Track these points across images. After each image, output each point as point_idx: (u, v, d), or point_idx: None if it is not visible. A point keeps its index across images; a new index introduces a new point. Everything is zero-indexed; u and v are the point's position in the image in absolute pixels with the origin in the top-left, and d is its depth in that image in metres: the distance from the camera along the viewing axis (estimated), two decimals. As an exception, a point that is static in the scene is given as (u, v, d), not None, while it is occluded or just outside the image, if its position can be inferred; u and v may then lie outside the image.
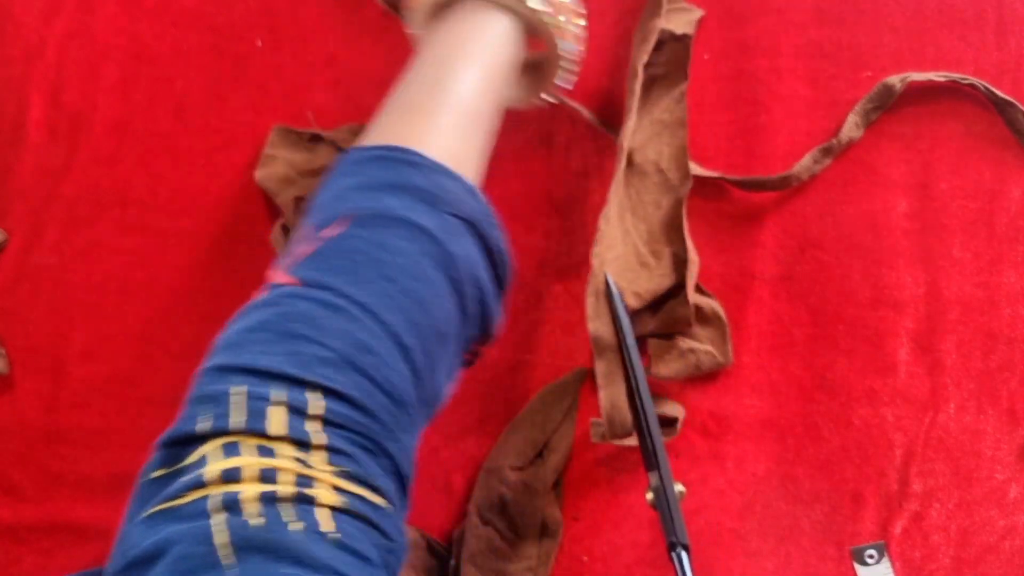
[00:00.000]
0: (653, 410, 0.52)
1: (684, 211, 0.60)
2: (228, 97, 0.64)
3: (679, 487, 0.52)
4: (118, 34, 0.65)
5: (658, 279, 0.57)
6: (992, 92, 0.61)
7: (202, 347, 0.62)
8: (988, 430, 0.60)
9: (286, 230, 0.61)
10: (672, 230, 0.59)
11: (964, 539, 0.59)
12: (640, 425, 0.53)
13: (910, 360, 0.60)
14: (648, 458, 0.53)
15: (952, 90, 0.62)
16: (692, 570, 0.50)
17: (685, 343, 0.58)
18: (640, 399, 0.52)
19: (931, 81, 0.61)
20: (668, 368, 0.59)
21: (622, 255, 0.57)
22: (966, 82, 0.61)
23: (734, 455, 0.60)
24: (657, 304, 0.58)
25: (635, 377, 0.52)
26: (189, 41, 0.65)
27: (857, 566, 0.59)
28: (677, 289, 0.57)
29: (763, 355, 0.61)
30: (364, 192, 0.40)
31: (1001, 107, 0.62)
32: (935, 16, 0.63)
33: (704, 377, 0.60)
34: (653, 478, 0.52)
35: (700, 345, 0.59)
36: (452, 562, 0.59)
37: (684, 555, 0.49)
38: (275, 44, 0.65)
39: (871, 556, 0.59)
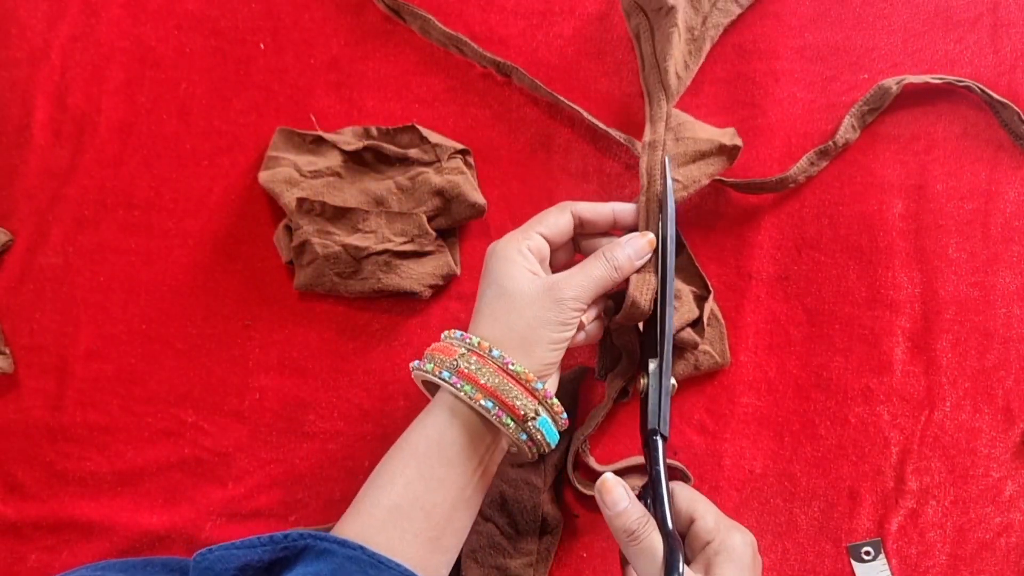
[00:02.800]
0: (674, 294, 0.54)
1: (688, 250, 0.61)
2: (232, 99, 0.65)
3: (672, 381, 0.54)
4: (122, 37, 0.66)
5: (685, 315, 0.59)
6: (988, 94, 0.61)
7: (206, 346, 0.63)
8: (984, 428, 0.60)
9: (289, 231, 0.62)
10: (682, 271, 0.61)
11: (960, 536, 0.59)
12: (656, 307, 0.54)
13: (906, 359, 0.61)
14: (651, 344, 0.54)
15: (948, 92, 0.63)
16: (664, 458, 0.52)
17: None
18: (664, 281, 0.54)
19: (927, 83, 0.62)
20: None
21: None
22: (962, 84, 0.62)
23: (731, 452, 0.61)
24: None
25: (663, 263, 0.54)
26: (193, 44, 0.66)
27: (854, 563, 0.59)
28: (695, 321, 0.59)
29: (760, 354, 0.61)
30: None
31: (996, 109, 0.62)
32: (931, 19, 0.64)
33: (702, 375, 0.61)
34: (652, 364, 0.54)
35: (699, 345, 0.60)
36: (453, 559, 0.59)
37: (660, 442, 0.52)
38: (278, 47, 0.65)
39: (867, 553, 0.59)
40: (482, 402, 0.48)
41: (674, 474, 0.60)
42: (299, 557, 0.46)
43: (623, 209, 0.56)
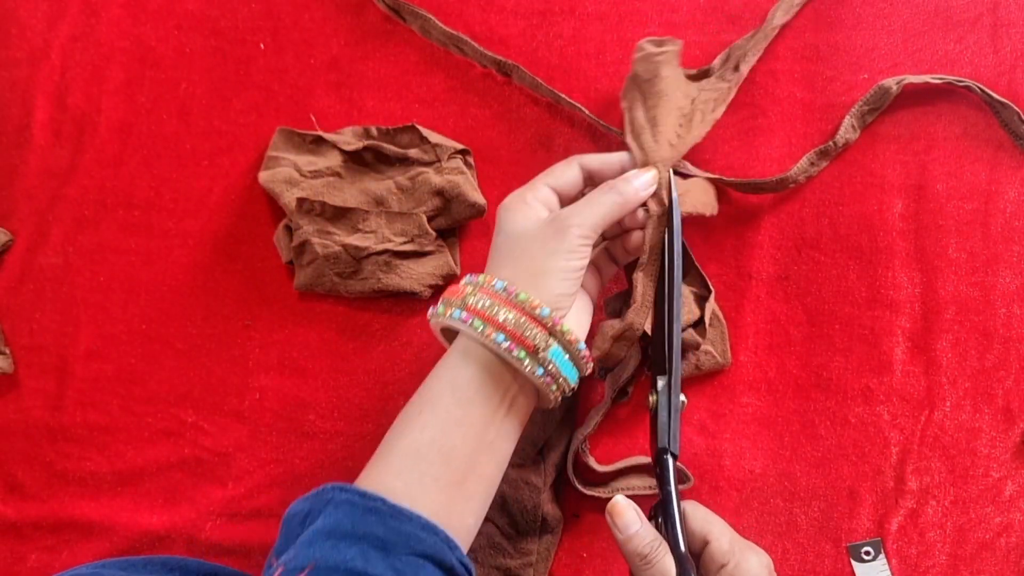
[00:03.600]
0: (681, 311, 0.54)
1: (688, 251, 0.61)
2: (232, 99, 0.65)
3: (682, 397, 0.53)
4: (122, 37, 0.66)
5: (686, 316, 0.59)
6: (988, 94, 0.61)
7: (206, 346, 0.63)
8: (984, 428, 0.60)
9: (289, 231, 0.62)
10: (685, 272, 0.61)
11: (960, 536, 0.59)
12: (663, 323, 0.54)
13: (906, 359, 0.61)
14: (660, 361, 0.54)
15: (948, 92, 0.63)
16: (676, 478, 0.51)
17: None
18: (670, 298, 0.53)
19: (927, 83, 0.62)
20: None
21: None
22: (962, 84, 0.62)
23: (731, 452, 0.61)
24: None
25: (671, 278, 0.54)
26: (193, 44, 0.66)
27: (854, 563, 0.59)
28: (696, 321, 0.59)
29: (760, 354, 0.61)
30: (329, 541, 0.44)
31: (997, 109, 0.62)
32: (931, 19, 0.64)
33: (702, 375, 0.61)
34: (661, 382, 0.53)
35: (701, 346, 0.60)
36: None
37: (671, 461, 0.51)
38: (278, 47, 0.65)
39: (867, 553, 0.59)
40: (493, 337, 0.48)
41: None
42: (325, 507, 0.46)
43: (628, 163, 0.56)
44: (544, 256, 0.50)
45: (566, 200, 0.54)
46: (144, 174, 0.65)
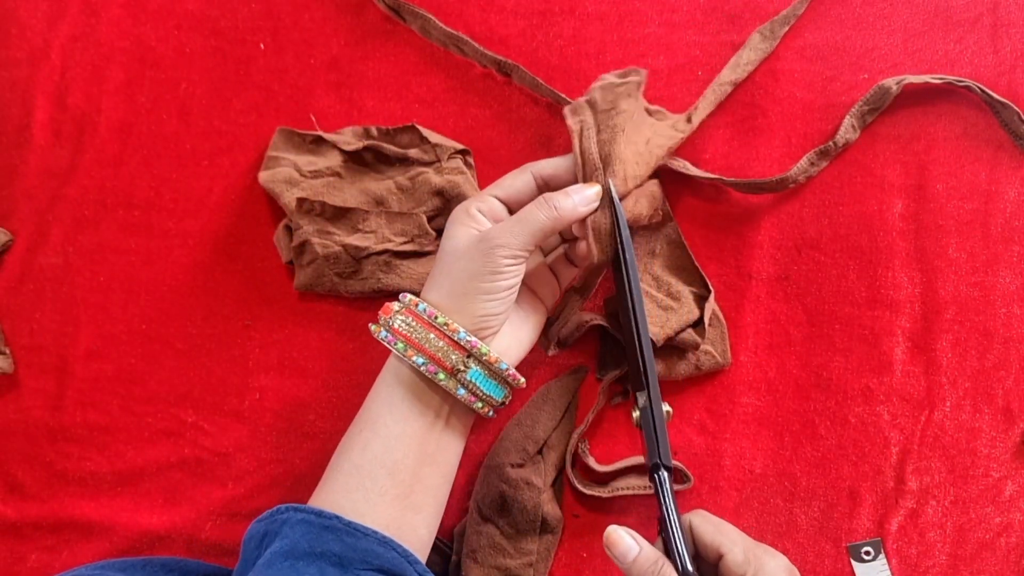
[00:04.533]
0: (647, 327, 0.53)
1: (688, 250, 0.61)
2: (232, 99, 0.65)
3: (666, 407, 0.52)
4: (122, 37, 0.66)
5: (685, 316, 0.59)
6: (987, 94, 0.61)
7: (206, 346, 0.63)
8: (984, 428, 0.60)
9: (289, 231, 0.62)
10: (683, 272, 0.61)
11: (960, 536, 0.59)
12: (633, 341, 0.53)
13: (906, 359, 0.61)
14: (636, 377, 0.53)
15: (948, 92, 0.63)
16: (672, 492, 0.50)
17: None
18: (635, 317, 0.52)
19: (927, 83, 0.62)
20: (669, 369, 0.59)
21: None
22: (962, 84, 0.62)
23: (731, 452, 0.61)
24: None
25: (631, 294, 0.52)
26: (193, 44, 0.66)
27: (854, 563, 0.59)
28: (696, 321, 0.59)
29: (760, 354, 0.61)
30: (287, 561, 0.46)
31: (996, 109, 0.62)
32: (931, 19, 0.64)
33: (702, 375, 0.61)
34: (641, 398, 0.52)
35: (700, 346, 0.60)
36: (453, 558, 0.59)
37: (666, 476, 0.50)
38: (278, 47, 0.65)
39: (867, 552, 0.59)
40: (414, 358, 0.49)
41: (675, 474, 0.60)
42: (281, 528, 0.47)
43: (577, 171, 0.55)
44: (467, 277, 0.50)
45: (515, 206, 0.54)
46: (144, 174, 0.65)
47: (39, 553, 0.62)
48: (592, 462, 0.60)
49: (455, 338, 0.49)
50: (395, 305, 0.52)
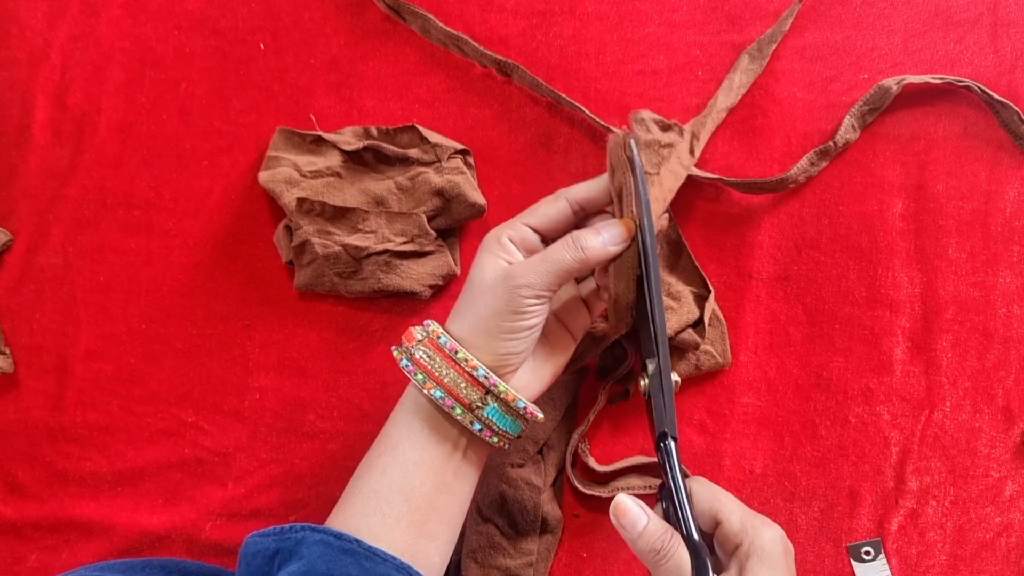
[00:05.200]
0: (661, 296, 0.51)
1: (688, 250, 0.61)
2: (232, 99, 0.65)
3: (675, 377, 0.51)
4: (123, 37, 0.66)
5: (685, 316, 0.59)
6: (987, 94, 0.61)
7: (206, 346, 0.63)
8: (984, 428, 0.60)
9: (289, 230, 0.62)
10: (683, 271, 0.61)
11: (960, 536, 0.59)
12: (646, 311, 0.51)
13: (906, 359, 0.61)
14: (647, 345, 0.52)
15: (948, 92, 0.63)
16: (680, 460, 0.49)
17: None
18: (650, 284, 0.51)
19: (927, 83, 0.62)
20: None
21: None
22: (962, 84, 0.62)
23: (732, 452, 0.61)
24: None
25: (646, 262, 0.50)
26: (193, 44, 0.66)
27: (854, 562, 0.59)
28: (696, 321, 0.59)
29: (760, 354, 0.61)
30: None
31: (996, 109, 0.62)
32: (931, 19, 0.64)
33: (702, 375, 0.61)
34: (651, 365, 0.51)
35: (700, 346, 0.60)
36: (453, 558, 0.59)
37: (672, 446, 0.49)
38: (278, 47, 0.65)
39: (867, 552, 0.59)
40: (432, 391, 0.49)
41: None
42: (298, 548, 0.47)
43: (614, 196, 0.53)
44: (490, 315, 0.49)
45: (550, 234, 0.53)
46: (144, 174, 0.64)
47: (39, 553, 0.62)
48: (592, 462, 0.60)
49: (474, 375, 0.49)
50: (417, 332, 0.51)
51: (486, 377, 0.49)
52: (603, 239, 0.50)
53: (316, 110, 0.64)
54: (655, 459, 0.60)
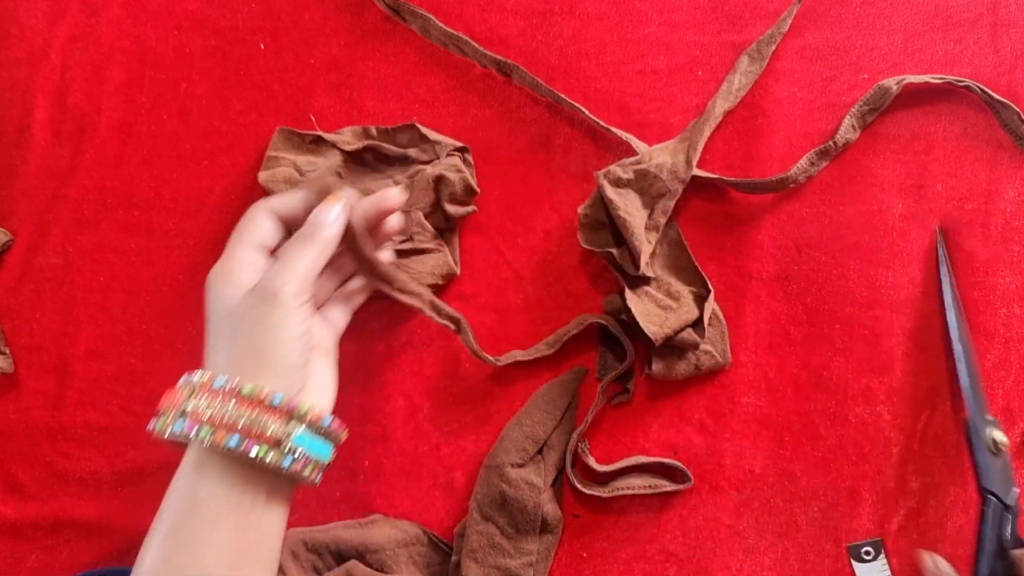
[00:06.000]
0: (971, 344, 0.55)
1: (687, 250, 0.61)
2: (232, 99, 0.65)
3: (1001, 436, 0.53)
4: (122, 37, 0.66)
5: (684, 316, 0.58)
6: (988, 94, 0.61)
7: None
8: (984, 428, 0.60)
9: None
10: (682, 271, 0.61)
11: (960, 536, 0.59)
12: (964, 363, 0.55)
13: (906, 359, 0.61)
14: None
15: (948, 92, 0.63)
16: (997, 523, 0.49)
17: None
18: (961, 337, 0.56)
19: (927, 83, 0.62)
20: (669, 369, 0.59)
21: (644, 312, 0.58)
22: (962, 84, 0.62)
23: (732, 452, 0.61)
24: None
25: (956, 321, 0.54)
26: (193, 44, 0.66)
27: (854, 562, 0.59)
28: (696, 321, 0.59)
29: (760, 354, 0.61)
30: None
31: (997, 109, 0.62)
32: (931, 19, 0.64)
33: (702, 375, 0.61)
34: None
35: (700, 346, 0.60)
36: (453, 558, 0.59)
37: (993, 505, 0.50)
38: (278, 47, 0.65)
39: (868, 552, 0.59)
40: (225, 442, 0.43)
41: (674, 473, 0.60)
42: None
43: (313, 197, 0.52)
44: (262, 331, 0.45)
45: (271, 248, 0.51)
46: (144, 174, 0.65)
47: (39, 553, 0.62)
48: (592, 462, 0.60)
49: (270, 403, 0.44)
50: (180, 390, 0.46)
51: (285, 402, 0.45)
52: (326, 220, 0.49)
53: (316, 110, 0.65)
54: (655, 459, 0.60)
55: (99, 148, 0.65)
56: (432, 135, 0.62)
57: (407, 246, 0.60)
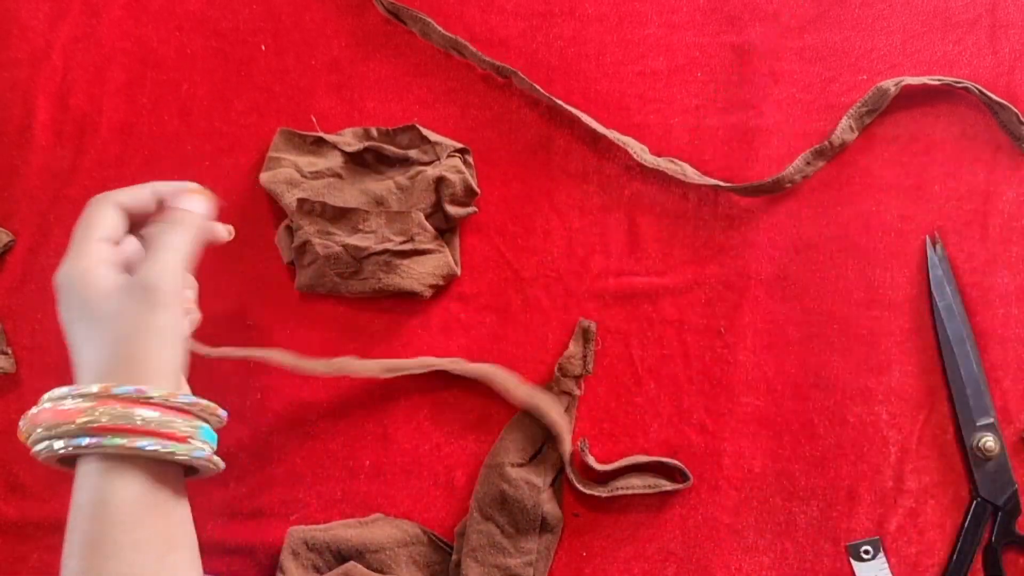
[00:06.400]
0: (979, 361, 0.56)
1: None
2: (233, 100, 0.65)
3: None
4: (124, 38, 0.66)
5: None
6: (986, 95, 0.61)
7: (207, 345, 0.63)
8: (982, 428, 0.60)
9: (290, 231, 0.62)
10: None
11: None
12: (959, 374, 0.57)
13: (904, 359, 0.61)
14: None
15: (946, 93, 0.63)
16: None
17: None
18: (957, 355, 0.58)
19: (925, 84, 0.62)
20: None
21: None
22: (960, 85, 0.62)
23: (731, 452, 0.61)
24: None
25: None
26: (194, 45, 0.66)
27: (853, 562, 0.59)
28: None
29: (759, 354, 0.61)
30: None
31: (995, 110, 0.62)
32: (929, 20, 0.64)
33: (701, 375, 0.61)
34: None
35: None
36: (454, 557, 0.59)
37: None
38: (279, 48, 0.66)
39: (867, 552, 0.59)
40: (139, 446, 0.43)
41: (673, 473, 0.60)
42: None
43: (165, 189, 0.51)
44: (148, 331, 0.44)
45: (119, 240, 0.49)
46: (145, 175, 0.64)
47: (40, 553, 0.62)
48: (592, 462, 0.60)
49: (179, 403, 0.45)
50: (67, 405, 0.44)
51: (192, 402, 0.45)
52: (196, 211, 0.49)
53: (317, 111, 0.65)
54: (655, 458, 0.60)
55: (100, 149, 0.65)
56: (433, 136, 0.62)
57: (408, 247, 0.60)
